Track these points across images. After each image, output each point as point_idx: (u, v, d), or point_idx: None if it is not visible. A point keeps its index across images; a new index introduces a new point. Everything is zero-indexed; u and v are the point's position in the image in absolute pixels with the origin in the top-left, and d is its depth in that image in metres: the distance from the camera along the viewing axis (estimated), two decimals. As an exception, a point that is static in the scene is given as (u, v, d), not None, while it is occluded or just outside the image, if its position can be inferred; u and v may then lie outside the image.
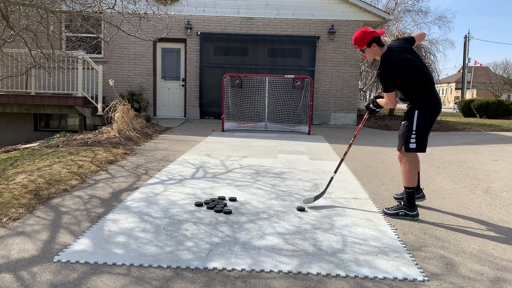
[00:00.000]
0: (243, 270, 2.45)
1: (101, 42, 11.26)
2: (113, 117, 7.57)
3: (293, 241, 2.90)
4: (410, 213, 3.45)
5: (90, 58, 9.98)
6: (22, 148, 6.99)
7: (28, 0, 5.14)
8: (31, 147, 7.05)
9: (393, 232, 3.15)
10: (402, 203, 3.52)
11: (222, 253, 2.67)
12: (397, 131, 10.47)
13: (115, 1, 5.40)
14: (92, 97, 10.07)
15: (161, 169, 5.11)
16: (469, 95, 45.17)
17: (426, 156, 6.50)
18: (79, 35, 10.44)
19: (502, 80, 47.11)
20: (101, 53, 11.80)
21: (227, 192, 4.14)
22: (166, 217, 3.34)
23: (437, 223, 3.42)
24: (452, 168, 5.78)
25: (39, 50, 6.55)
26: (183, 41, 11.86)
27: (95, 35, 8.19)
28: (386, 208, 3.59)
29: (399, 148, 3.51)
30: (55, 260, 2.52)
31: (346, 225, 3.27)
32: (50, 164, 4.97)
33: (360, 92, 19.21)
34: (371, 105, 3.79)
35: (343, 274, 2.43)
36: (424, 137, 3.42)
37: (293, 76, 9.89)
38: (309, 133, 9.37)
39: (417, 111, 3.39)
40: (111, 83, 8.14)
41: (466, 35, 31.03)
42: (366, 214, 3.57)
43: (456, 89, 58.56)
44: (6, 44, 6.60)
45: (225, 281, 2.32)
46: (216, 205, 3.57)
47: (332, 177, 4.00)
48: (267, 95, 10.28)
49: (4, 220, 3.14)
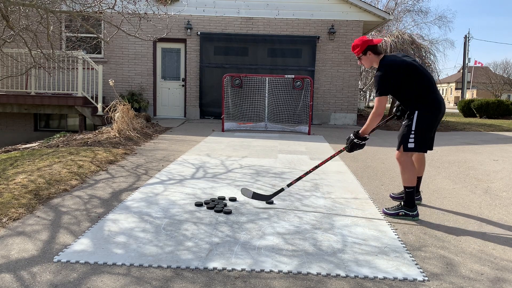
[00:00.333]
0: (243, 270, 2.45)
1: (101, 42, 11.26)
2: (113, 117, 7.57)
3: (293, 241, 2.90)
4: (410, 213, 3.45)
5: (90, 58, 9.98)
6: (22, 148, 6.99)
7: (28, 0, 5.14)
8: (31, 147, 7.05)
9: (393, 232, 3.15)
10: (402, 203, 3.53)
11: (222, 253, 2.67)
12: (397, 131, 10.49)
13: (115, 1, 5.40)
14: (92, 97, 10.07)
15: (161, 169, 5.11)
16: (469, 95, 45.16)
17: (426, 156, 6.49)
18: (79, 35, 10.44)
19: (502, 80, 47.10)
20: (101, 53, 11.81)
21: (227, 192, 4.14)
22: (166, 217, 3.34)
23: (437, 223, 3.42)
24: (452, 168, 5.78)
25: (39, 50, 6.55)
26: (183, 41, 11.86)
27: (95, 35, 8.19)
28: (386, 208, 3.60)
29: (398, 148, 3.54)
30: (55, 260, 2.52)
31: (346, 225, 3.27)
32: (50, 164, 4.97)
33: (360, 92, 19.20)
34: (354, 139, 3.52)
35: (343, 274, 2.43)
36: (424, 137, 3.44)
37: (293, 76, 9.89)
38: (309, 133, 9.37)
39: (417, 111, 3.42)
40: (111, 83, 8.14)
41: (466, 35, 31.02)
42: (366, 214, 3.57)
43: (456, 89, 58.56)
44: (6, 44, 6.60)
45: (225, 281, 2.32)
46: (216, 205, 3.57)
47: (283, 188, 3.80)
48: (267, 95, 10.28)
49: (4, 220, 3.14)
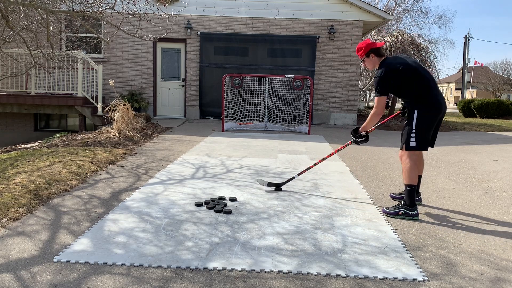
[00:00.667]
0: (243, 270, 2.45)
1: (101, 42, 11.26)
2: (113, 117, 7.57)
3: (293, 241, 2.90)
4: (410, 212, 3.46)
5: (90, 58, 9.98)
6: (22, 148, 6.99)
7: (28, 0, 5.14)
8: (31, 147, 7.05)
9: (393, 232, 3.15)
10: (402, 202, 3.54)
11: (222, 253, 2.67)
12: (397, 131, 10.53)
13: (115, 1, 5.40)
14: (92, 97, 10.07)
15: (161, 169, 5.11)
16: (469, 95, 45.17)
17: (426, 156, 6.49)
18: (79, 35, 10.43)
19: (502, 80, 47.08)
20: (101, 53, 11.80)
21: (227, 192, 4.14)
22: (166, 217, 3.34)
23: (437, 223, 3.42)
24: (452, 168, 5.78)
25: (39, 50, 6.54)
26: (183, 41, 11.86)
27: (95, 35, 8.19)
28: (386, 208, 3.60)
29: (401, 147, 3.61)
30: (55, 260, 2.52)
31: (346, 225, 3.27)
32: (50, 164, 4.97)
33: (360, 92, 19.20)
34: (352, 134, 4.00)
35: (343, 274, 2.43)
36: (424, 136, 3.51)
37: (293, 76, 9.89)
38: (309, 133, 9.37)
39: (416, 111, 3.49)
40: (111, 83, 8.14)
41: (466, 35, 31.00)
42: (366, 214, 3.57)
43: (456, 89, 58.54)
44: (6, 44, 6.60)
45: (225, 281, 2.32)
46: (216, 205, 3.57)
47: (294, 177, 4.35)
48: (267, 95, 10.28)
49: (4, 220, 3.14)
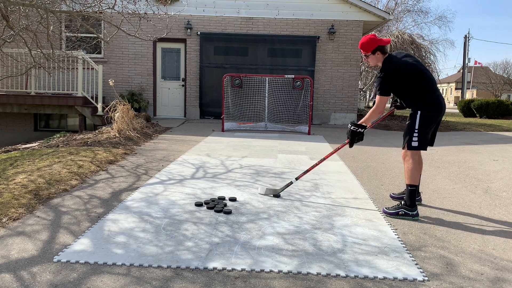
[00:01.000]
0: (243, 270, 2.45)
1: (101, 42, 11.26)
2: (113, 117, 7.57)
3: (293, 241, 2.90)
4: (410, 212, 3.46)
5: (90, 58, 9.98)
6: (22, 148, 6.99)
7: (28, 0, 5.14)
8: (31, 147, 7.05)
9: (393, 232, 3.15)
10: (403, 202, 3.54)
11: (222, 253, 2.67)
12: (397, 131, 10.53)
13: (115, 1, 5.40)
14: (92, 97, 10.07)
15: (161, 169, 5.11)
16: (469, 95, 45.17)
17: (426, 156, 6.50)
18: (79, 35, 10.43)
19: (502, 80, 47.09)
20: (101, 53, 11.81)
21: (227, 192, 4.14)
22: (166, 217, 3.34)
23: (437, 223, 3.42)
24: (452, 168, 5.78)
25: (39, 50, 6.54)
26: (183, 41, 11.86)
27: (95, 35, 8.18)
28: (386, 208, 3.60)
29: (403, 147, 3.61)
30: (55, 260, 2.52)
31: (346, 225, 3.27)
32: (50, 164, 4.97)
33: (360, 92, 19.21)
34: (351, 126, 3.64)
35: (343, 274, 2.43)
36: (426, 136, 3.53)
37: (293, 76, 9.88)
38: (309, 133, 9.37)
39: (419, 112, 3.49)
40: (111, 83, 8.14)
41: (466, 35, 30.99)
42: (366, 214, 3.57)
43: (456, 89, 58.54)
44: (6, 44, 6.60)
45: (225, 281, 2.32)
46: (216, 205, 3.57)
47: (291, 182, 4.05)
48: (267, 95, 10.28)
49: (4, 220, 3.14)
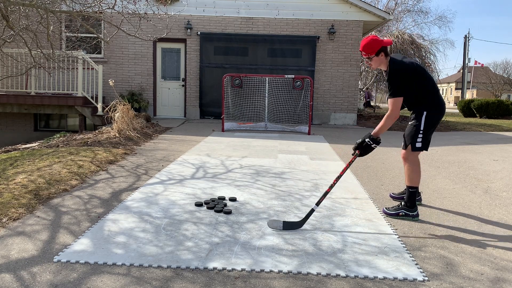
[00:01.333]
0: (243, 270, 2.45)
1: (101, 42, 11.26)
2: (113, 117, 7.57)
3: (293, 241, 2.90)
4: (410, 213, 3.46)
5: (90, 58, 9.98)
6: (22, 148, 6.99)
7: (28, 0, 5.14)
8: (31, 147, 7.05)
9: (393, 232, 3.15)
10: (403, 203, 3.54)
11: (222, 253, 2.67)
12: (397, 131, 10.52)
13: (115, 1, 5.40)
14: (92, 97, 10.07)
15: (161, 169, 5.11)
16: (469, 95, 45.15)
17: (426, 156, 6.50)
18: (79, 35, 10.44)
19: (502, 80, 47.11)
20: (101, 53, 11.81)
21: (227, 192, 4.14)
22: (166, 217, 3.34)
23: (437, 223, 3.42)
24: (452, 168, 5.78)
25: (39, 50, 6.54)
26: (183, 41, 11.86)
27: (95, 35, 8.19)
28: (386, 208, 3.60)
29: (405, 147, 3.57)
30: (55, 260, 2.52)
31: (346, 225, 3.27)
32: (50, 164, 4.97)
33: (360, 92, 19.21)
34: (367, 139, 3.33)
35: (343, 274, 2.43)
36: (429, 136, 3.54)
37: (293, 76, 9.89)
38: (309, 133, 9.37)
39: (425, 112, 3.47)
40: (111, 83, 8.14)
41: (466, 35, 30.99)
42: (366, 214, 3.57)
43: (456, 89, 58.52)
44: (6, 44, 6.60)
45: (225, 281, 2.32)
46: (216, 205, 3.57)
47: (313, 209, 3.22)
48: (267, 95, 10.28)
49: (4, 220, 3.14)
